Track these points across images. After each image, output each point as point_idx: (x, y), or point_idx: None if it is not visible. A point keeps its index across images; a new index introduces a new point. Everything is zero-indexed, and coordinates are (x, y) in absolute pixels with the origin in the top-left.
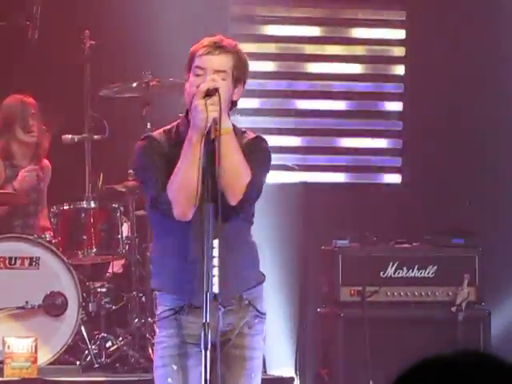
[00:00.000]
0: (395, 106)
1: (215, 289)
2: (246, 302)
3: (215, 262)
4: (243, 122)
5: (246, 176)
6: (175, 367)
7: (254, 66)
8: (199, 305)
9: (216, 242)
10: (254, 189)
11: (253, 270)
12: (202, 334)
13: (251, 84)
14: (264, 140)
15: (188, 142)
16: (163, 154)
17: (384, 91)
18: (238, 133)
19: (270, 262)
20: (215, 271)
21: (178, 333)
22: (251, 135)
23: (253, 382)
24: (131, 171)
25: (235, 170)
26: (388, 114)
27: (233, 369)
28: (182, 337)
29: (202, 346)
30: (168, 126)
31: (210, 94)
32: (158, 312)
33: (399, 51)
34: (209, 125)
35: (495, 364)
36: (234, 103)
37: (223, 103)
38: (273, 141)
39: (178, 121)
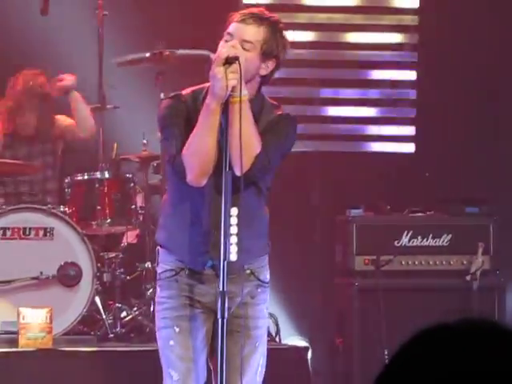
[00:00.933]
0: (409, 75)
1: (232, 257)
2: (248, 271)
3: (232, 230)
4: None
5: (255, 147)
6: (177, 329)
7: None
8: (199, 270)
9: (234, 210)
10: (262, 162)
11: (258, 241)
12: (219, 302)
13: None
14: (291, 119)
15: (206, 109)
16: (186, 116)
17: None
18: (267, 106)
19: (283, 231)
20: (232, 239)
21: (178, 294)
22: (280, 111)
23: (257, 352)
24: (145, 141)
25: (245, 140)
26: (401, 83)
27: (237, 338)
28: (182, 299)
29: (219, 314)
30: (200, 86)
31: (230, 61)
32: (159, 270)
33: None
34: (228, 93)
35: (498, 331)
36: (264, 78)
37: (242, 72)
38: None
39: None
